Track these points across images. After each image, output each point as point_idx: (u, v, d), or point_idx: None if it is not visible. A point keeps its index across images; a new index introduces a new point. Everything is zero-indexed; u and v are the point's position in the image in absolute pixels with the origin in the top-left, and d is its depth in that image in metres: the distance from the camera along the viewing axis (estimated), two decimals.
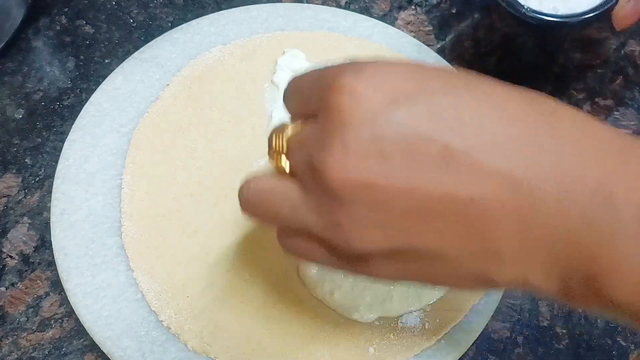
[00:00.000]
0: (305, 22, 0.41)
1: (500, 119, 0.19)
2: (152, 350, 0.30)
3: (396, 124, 0.18)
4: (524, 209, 0.18)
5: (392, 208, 0.19)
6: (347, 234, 0.20)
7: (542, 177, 0.18)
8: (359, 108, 0.19)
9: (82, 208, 0.33)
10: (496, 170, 0.18)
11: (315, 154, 0.19)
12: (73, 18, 0.42)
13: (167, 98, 0.37)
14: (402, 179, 0.18)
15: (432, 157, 0.18)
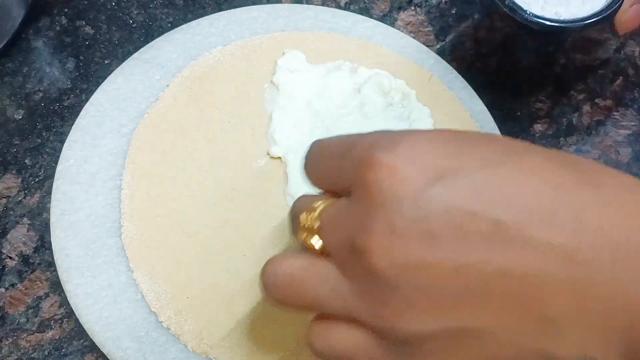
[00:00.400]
0: (305, 23, 0.41)
1: (545, 190, 0.18)
2: (152, 351, 0.30)
3: (440, 202, 0.18)
4: (580, 281, 0.17)
5: (443, 289, 0.18)
6: (395, 318, 0.19)
7: (594, 246, 0.17)
8: (399, 186, 0.18)
9: (82, 208, 0.33)
10: (548, 243, 0.17)
11: (357, 237, 0.19)
12: (73, 19, 0.42)
13: (167, 98, 0.37)
14: (452, 259, 0.18)
15: (481, 234, 0.17)
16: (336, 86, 0.38)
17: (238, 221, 0.34)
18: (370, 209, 0.18)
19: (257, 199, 0.34)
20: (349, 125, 0.36)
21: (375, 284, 0.18)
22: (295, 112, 0.37)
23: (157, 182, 0.34)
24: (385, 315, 0.19)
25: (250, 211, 0.34)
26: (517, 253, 0.17)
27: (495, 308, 0.18)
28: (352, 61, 0.39)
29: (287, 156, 0.35)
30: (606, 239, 0.17)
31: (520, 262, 0.17)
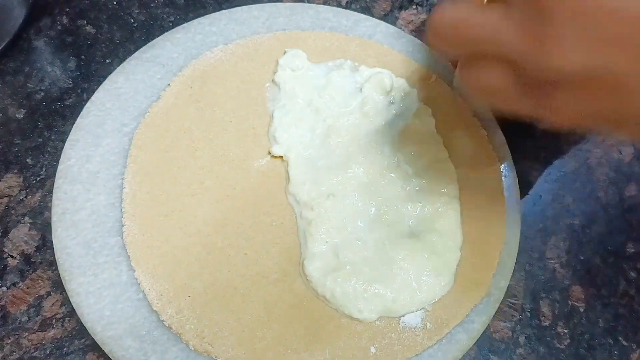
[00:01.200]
0: (306, 22, 0.41)
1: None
2: (153, 350, 0.30)
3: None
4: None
5: (600, 29, 0.19)
6: (550, 50, 0.20)
7: None
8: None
9: (84, 208, 0.33)
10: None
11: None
12: (74, 18, 0.42)
13: (168, 98, 0.37)
14: (616, 2, 0.19)
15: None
16: (337, 85, 0.38)
17: (239, 220, 0.34)
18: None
19: (259, 198, 0.34)
20: (350, 124, 0.36)
21: (538, 17, 0.20)
22: (297, 111, 0.37)
23: (158, 181, 0.34)
24: (540, 47, 0.21)
25: (251, 210, 0.34)
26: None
27: (634, 54, 0.19)
28: (353, 60, 0.39)
29: (288, 155, 0.35)
30: None
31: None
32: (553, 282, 0.36)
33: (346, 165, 0.35)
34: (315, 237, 0.33)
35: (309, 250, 0.33)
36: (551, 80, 0.21)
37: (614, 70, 0.20)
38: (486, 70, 0.23)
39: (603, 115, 0.22)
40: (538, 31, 0.20)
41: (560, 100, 0.22)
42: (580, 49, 0.20)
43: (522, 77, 0.22)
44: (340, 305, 0.31)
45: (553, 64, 0.21)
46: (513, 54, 0.22)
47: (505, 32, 0.22)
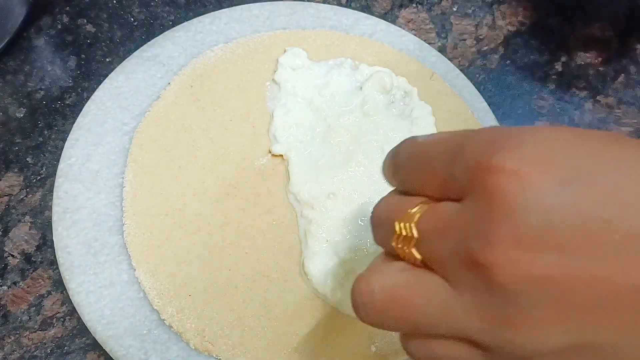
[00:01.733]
0: (306, 21, 0.41)
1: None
2: (154, 349, 0.30)
3: (570, 209, 0.16)
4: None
5: (572, 303, 0.16)
6: (515, 335, 0.17)
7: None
8: (526, 193, 0.16)
9: (85, 207, 0.33)
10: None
11: (478, 249, 0.17)
12: (75, 17, 0.42)
13: (169, 97, 0.37)
14: (584, 271, 0.16)
15: (615, 244, 0.16)
16: (338, 84, 0.38)
17: (240, 219, 0.34)
18: (492, 217, 0.17)
19: (259, 197, 0.34)
20: (350, 123, 0.36)
21: (495, 300, 0.17)
22: (297, 110, 0.37)
23: (159, 180, 0.34)
24: (504, 332, 0.17)
25: (252, 209, 0.34)
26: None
27: (623, 323, 0.16)
28: (354, 59, 0.39)
29: (288, 154, 0.35)
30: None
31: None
32: None
33: (347, 164, 0.35)
34: (315, 236, 0.33)
35: (310, 249, 0.33)
36: (526, 357, 0.18)
37: (598, 341, 0.17)
38: (441, 346, 0.19)
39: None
40: (503, 313, 0.17)
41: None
42: (555, 327, 0.17)
43: (489, 354, 0.18)
44: (341, 304, 0.31)
45: (528, 346, 0.17)
46: (474, 336, 0.18)
47: (459, 313, 0.18)
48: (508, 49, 0.44)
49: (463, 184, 0.18)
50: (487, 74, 0.43)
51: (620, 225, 0.16)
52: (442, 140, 0.20)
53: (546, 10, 0.46)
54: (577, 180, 0.16)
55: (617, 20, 0.46)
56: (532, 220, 0.16)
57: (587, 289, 0.16)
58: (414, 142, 0.21)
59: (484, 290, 0.17)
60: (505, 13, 0.45)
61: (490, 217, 0.17)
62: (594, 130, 0.19)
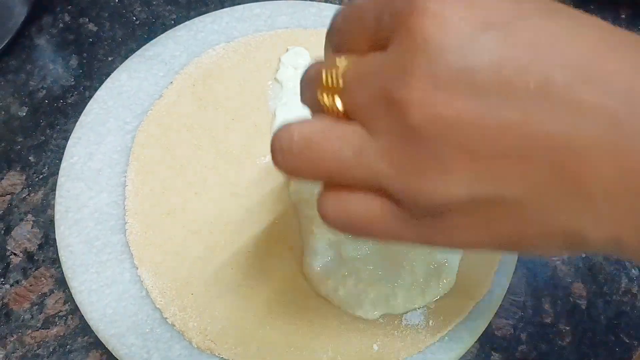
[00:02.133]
0: (308, 20, 0.41)
1: (603, 52, 0.16)
2: (156, 348, 0.30)
3: (489, 52, 0.16)
4: (624, 154, 0.15)
5: (482, 149, 0.16)
6: (424, 181, 0.17)
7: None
8: (447, 34, 0.16)
9: (87, 205, 0.33)
10: (598, 109, 0.15)
11: (395, 87, 0.17)
12: (76, 16, 0.42)
13: (170, 96, 0.37)
14: (496, 116, 0.16)
15: (529, 92, 0.16)
16: None
17: (242, 218, 0.34)
18: (411, 58, 0.16)
19: (261, 196, 0.34)
20: None
21: (407, 142, 0.17)
22: (299, 109, 0.37)
23: (161, 179, 0.34)
24: (412, 179, 0.17)
25: (254, 208, 0.34)
26: (562, 115, 0.16)
27: (530, 174, 0.16)
28: None
29: None
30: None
31: (565, 125, 0.16)
32: (555, 279, 0.36)
33: None
34: (317, 235, 0.33)
35: (311, 248, 0.33)
36: (435, 211, 0.18)
37: (507, 194, 0.17)
38: (355, 201, 0.19)
39: (502, 239, 0.18)
40: (413, 156, 0.17)
41: (449, 229, 0.18)
42: (464, 174, 0.17)
43: (400, 207, 0.18)
44: (343, 303, 0.32)
45: (435, 195, 0.17)
46: (383, 181, 0.18)
47: (372, 158, 0.18)
48: None
49: (390, 31, 0.18)
50: None
51: (536, 73, 0.16)
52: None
53: None
54: (497, 26, 0.16)
55: (620, 19, 0.46)
56: (449, 60, 0.16)
57: (498, 135, 0.16)
58: (348, 2, 0.21)
59: (397, 132, 0.17)
60: None
61: (409, 57, 0.16)
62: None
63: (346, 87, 0.19)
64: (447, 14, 0.16)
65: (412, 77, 0.16)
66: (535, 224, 0.17)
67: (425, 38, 0.16)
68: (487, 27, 0.16)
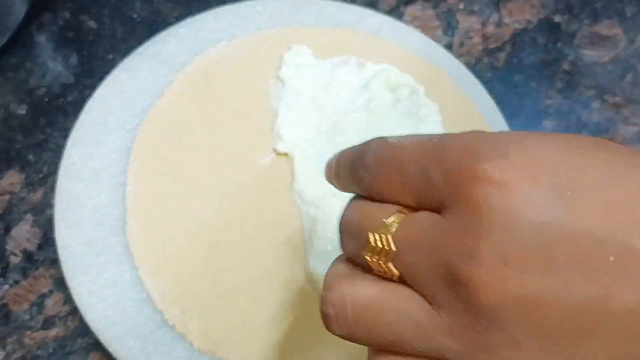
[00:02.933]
0: (311, 18, 0.40)
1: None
2: (157, 350, 0.30)
3: (561, 224, 0.15)
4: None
5: (558, 328, 0.15)
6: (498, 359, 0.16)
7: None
8: (513, 205, 0.15)
9: (87, 206, 0.33)
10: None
11: (461, 264, 0.15)
12: (76, 13, 0.42)
13: (171, 94, 0.36)
14: (574, 294, 0.15)
15: (608, 264, 0.15)
16: (343, 81, 0.37)
17: (244, 218, 0.33)
18: (476, 232, 0.15)
19: (263, 196, 0.34)
20: (356, 121, 0.36)
21: (476, 322, 0.16)
22: (301, 108, 0.36)
23: (162, 179, 0.34)
24: (483, 356, 0.16)
25: (256, 208, 0.34)
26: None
27: (612, 349, 0.15)
28: (359, 56, 0.39)
29: (293, 152, 0.35)
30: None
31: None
32: None
33: None
34: (320, 235, 0.33)
35: (314, 249, 0.32)
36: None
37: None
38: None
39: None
40: (484, 337, 0.16)
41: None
42: (539, 353, 0.15)
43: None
44: None
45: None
46: (449, 356, 0.17)
47: (436, 334, 0.17)
48: (515, 47, 0.43)
49: (443, 194, 0.16)
50: (493, 72, 0.42)
51: (614, 244, 0.15)
52: (417, 143, 0.18)
53: (553, 7, 0.45)
54: (567, 193, 0.15)
55: (625, 17, 0.46)
56: (519, 236, 0.15)
57: (577, 315, 0.15)
58: (383, 144, 0.19)
59: (465, 310, 0.16)
60: (512, 11, 0.45)
61: (474, 231, 0.15)
62: (584, 138, 0.17)
63: (400, 253, 0.17)
64: (513, 183, 0.15)
65: (480, 255, 0.15)
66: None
67: (489, 210, 0.15)
68: (555, 195, 0.15)
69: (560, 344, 0.15)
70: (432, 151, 0.17)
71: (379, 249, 0.17)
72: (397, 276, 0.17)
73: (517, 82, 0.42)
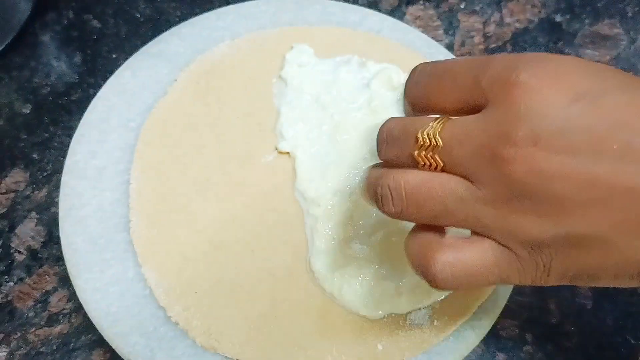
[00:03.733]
0: (313, 17, 0.40)
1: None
2: (160, 347, 0.30)
3: (581, 119, 0.20)
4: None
5: (573, 198, 0.20)
6: (526, 222, 0.21)
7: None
8: (544, 103, 0.20)
9: (91, 203, 0.33)
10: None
11: (499, 145, 0.20)
12: (80, 12, 0.42)
13: (175, 93, 0.36)
14: (588, 171, 0.19)
15: (614, 152, 0.19)
16: (345, 80, 0.37)
17: (246, 216, 0.33)
18: (513, 122, 0.20)
19: (266, 194, 0.34)
20: (357, 120, 0.36)
21: (509, 190, 0.20)
22: (304, 107, 0.37)
23: (165, 177, 0.34)
24: (513, 218, 0.21)
25: (258, 206, 0.34)
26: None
27: (614, 219, 0.20)
28: (361, 55, 0.39)
29: (295, 151, 0.35)
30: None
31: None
32: None
33: (353, 162, 0.35)
34: (322, 233, 0.33)
35: (316, 247, 0.33)
36: (532, 244, 0.21)
37: (594, 234, 0.20)
38: (468, 253, 0.22)
39: (586, 270, 0.22)
40: (515, 203, 0.21)
41: (547, 264, 0.22)
42: (557, 218, 0.20)
43: (505, 248, 0.22)
44: (348, 302, 0.31)
45: (532, 234, 0.21)
46: (485, 221, 0.22)
47: (475, 204, 0.21)
48: (516, 47, 0.43)
49: (488, 94, 0.21)
50: None
51: (619, 136, 0.19)
52: (463, 59, 0.23)
53: (554, 7, 0.46)
54: (587, 97, 0.20)
55: (626, 17, 0.46)
56: (548, 124, 0.20)
57: (589, 186, 0.19)
58: (434, 63, 0.24)
59: (500, 182, 0.20)
60: (513, 10, 0.45)
61: (512, 120, 0.20)
62: (602, 64, 0.23)
63: (446, 146, 0.22)
64: (546, 87, 0.20)
65: (516, 137, 0.20)
66: (616, 255, 0.21)
67: (526, 106, 0.20)
68: (577, 98, 0.20)
69: (575, 209, 0.20)
70: (480, 63, 0.22)
71: (427, 145, 0.22)
72: (441, 167, 0.22)
73: None
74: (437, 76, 0.24)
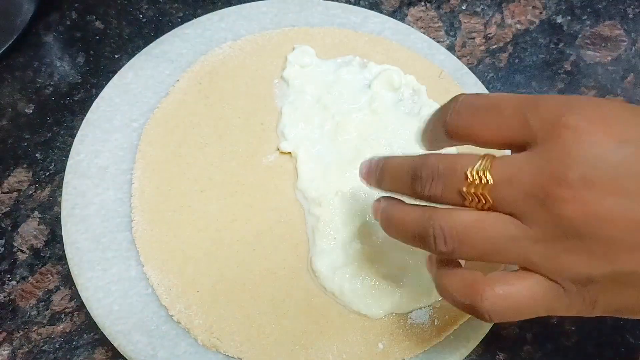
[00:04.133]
0: (315, 18, 0.41)
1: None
2: (162, 345, 0.30)
3: (628, 163, 0.20)
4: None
5: (626, 239, 0.21)
6: (575, 260, 0.21)
7: None
8: (594, 146, 0.20)
9: (93, 203, 0.33)
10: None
11: (552, 186, 0.21)
12: (83, 13, 0.42)
13: (177, 93, 0.37)
14: (637, 214, 0.20)
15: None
16: (346, 81, 0.38)
17: (248, 216, 0.34)
18: (566, 164, 0.21)
19: (267, 194, 0.34)
20: (358, 120, 0.36)
21: (560, 230, 0.21)
22: (305, 107, 0.37)
23: (167, 177, 0.34)
24: (564, 256, 0.21)
25: (260, 206, 0.34)
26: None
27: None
28: (362, 56, 0.39)
29: (296, 151, 0.35)
30: None
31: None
32: None
33: (354, 162, 0.35)
34: (323, 233, 0.33)
35: (317, 247, 0.33)
36: (582, 281, 0.22)
37: (635, 272, 0.21)
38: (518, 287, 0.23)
39: (631, 305, 0.23)
40: (561, 241, 0.21)
41: (593, 298, 0.22)
42: (607, 258, 0.21)
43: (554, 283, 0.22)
44: (349, 302, 0.31)
45: (581, 272, 0.21)
46: (535, 259, 0.22)
47: (527, 244, 0.22)
48: (517, 48, 0.44)
49: (538, 133, 0.22)
50: (495, 73, 0.43)
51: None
52: (510, 96, 0.23)
53: (555, 8, 0.46)
54: (632, 142, 0.21)
55: (627, 18, 0.46)
56: (600, 170, 0.20)
57: (637, 229, 0.20)
58: (478, 95, 0.24)
59: (552, 222, 0.21)
60: (514, 11, 0.45)
61: (565, 161, 0.21)
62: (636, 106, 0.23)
63: (496, 184, 0.22)
64: (593, 131, 0.21)
65: (569, 180, 0.20)
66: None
67: (578, 149, 0.21)
68: (625, 142, 0.21)
69: (622, 251, 0.21)
70: (530, 102, 0.22)
71: (477, 183, 0.22)
72: (490, 205, 0.22)
73: (519, 83, 0.42)
74: (483, 109, 0.23)
